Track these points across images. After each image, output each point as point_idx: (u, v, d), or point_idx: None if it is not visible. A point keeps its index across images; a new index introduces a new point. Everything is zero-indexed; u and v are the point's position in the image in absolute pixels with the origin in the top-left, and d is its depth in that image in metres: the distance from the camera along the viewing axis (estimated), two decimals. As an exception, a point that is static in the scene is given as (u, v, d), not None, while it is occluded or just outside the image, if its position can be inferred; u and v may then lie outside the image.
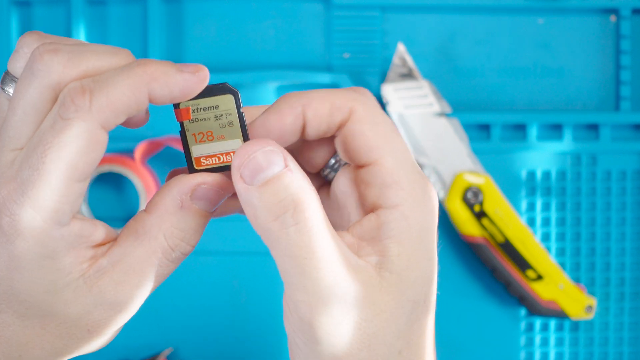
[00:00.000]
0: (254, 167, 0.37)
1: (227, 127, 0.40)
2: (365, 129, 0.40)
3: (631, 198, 0.81)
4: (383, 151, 0.39)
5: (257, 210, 0.37)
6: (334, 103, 0.40)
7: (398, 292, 0.39)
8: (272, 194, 0.37)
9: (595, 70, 0.81)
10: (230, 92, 0.39)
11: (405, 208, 0.39)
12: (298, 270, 0.37)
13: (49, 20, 0.79)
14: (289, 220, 0.37)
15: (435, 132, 0.78)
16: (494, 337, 0.81)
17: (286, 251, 0.37)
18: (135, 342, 0.80)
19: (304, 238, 0.37)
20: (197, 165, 0.40)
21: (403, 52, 0.80)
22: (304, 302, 0.37)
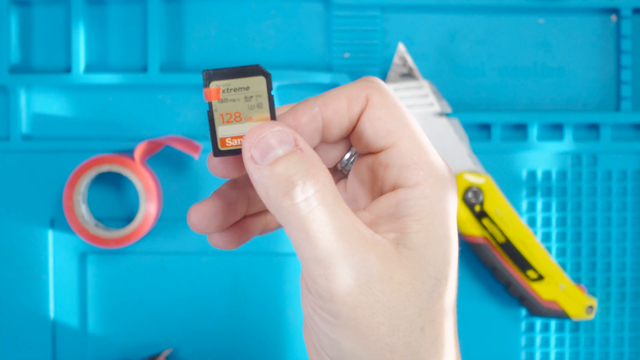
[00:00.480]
0: (264, 146, 0.38)
1: (256, 108, 0.39)
2: (382, 113, 0.40)
3: (632, 198, 0.81)
4: (401, 133, 0.40)
5: (268, 188, 0.38)
6: (349, 96, 0.40)
7: (418, 267, 0.38)
8: (282, 171, 0.37)
9: (596, 70, 0.81)
10: (262, 74, 0.39)
11: (425, 187, 0.39)
12: (311, 244, 0.37)
13: (48, 20, 0.79)
14: (299, 194, 0.37)
15: (435, 132, 0.78)
16: (495, 337, 0.81)
17: (298, 226, 0.37)
18: (135, 342, 0.79)
19: (315, 211, 0.37)
20: (222, 146, 0.40)
21: (403, 52, 0.79)
22: (321, 276, 0.37)
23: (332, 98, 0.40)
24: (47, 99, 0.79)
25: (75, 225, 0.76)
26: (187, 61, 0.80)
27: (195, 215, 0.42)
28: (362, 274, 0.37)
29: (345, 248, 0.37)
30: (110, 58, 0.80)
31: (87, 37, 0.79)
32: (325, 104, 0.40)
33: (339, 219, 0.37)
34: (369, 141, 0.40)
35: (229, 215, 0.43)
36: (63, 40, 0.79)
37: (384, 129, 0.40)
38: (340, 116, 0.40)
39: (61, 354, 0.79)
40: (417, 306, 0.38)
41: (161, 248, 0.79)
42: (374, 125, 0.40)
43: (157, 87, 0.79)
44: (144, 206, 0.76)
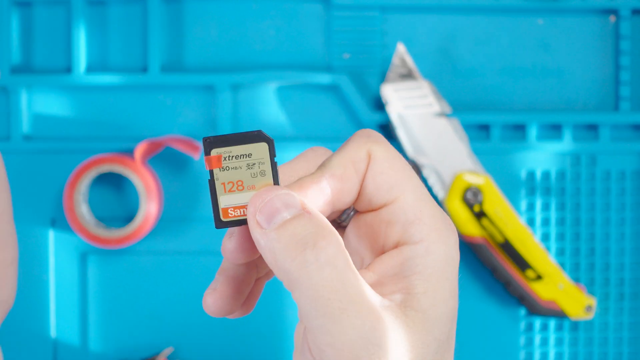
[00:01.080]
0: (270, 210, 0.36)
1: (259, 176, 0.38)
2: (384, 168, 0.39)
3: (630, 198, 0.81)
4: (404, 188, 0.39)
5: (276, 253, 0.36)
6: (353, 158, 0.39)
7: (424, 330, 0.37)
8: (290, 234, 0.36)
9: (595, 70, 0.81)
10: (264, 140, 0.37)
11: (429, 243, 0.38)
12: (321, 312, 0.35)
13: (49, 21, 0.79)
14: (310, 257, 0.36)
15: (435, 132, 0.78)
16: (494, 337, 0.81)
17: (308, 292, 0.36)
18: (135, 342, 0.80)
19: (326, 277, 0.35)
20: (224, 217, 0.38)
21: (403, 52, 0.80)
22: (330, 346, 0.36)
23: (339, 167, 0.39)
24: (47, 99, 0.79)
25: (76, 225, 0.76)
26: (188, 61, 0.80)
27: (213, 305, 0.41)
28: (373, 345, 0.36)
29: (358, 319, 0.35)
30: (111, 58, 0.80)
31: (88, 38, 0.79)
32: (332, 176, 0.39)
33: (351, 284, 0.36)
34: (371, 197, 0.39)
35: (244, 292, 0.42)
36: (64, 41, 0.79)
37: (386, 184, 0.39)
38: (350, 184, 0.39)
39: (62, 353, 0.79)
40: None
41: (161, 248, 0.79)
42: (376, 181, 0.39)
43: (158, 87, 0.79)
44: (144, 206, 0.76)
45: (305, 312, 0.36)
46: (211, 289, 0.41)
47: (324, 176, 0.39)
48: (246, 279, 0.41)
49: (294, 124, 0.80)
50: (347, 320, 0.35)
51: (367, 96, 0.80)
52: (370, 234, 0.40)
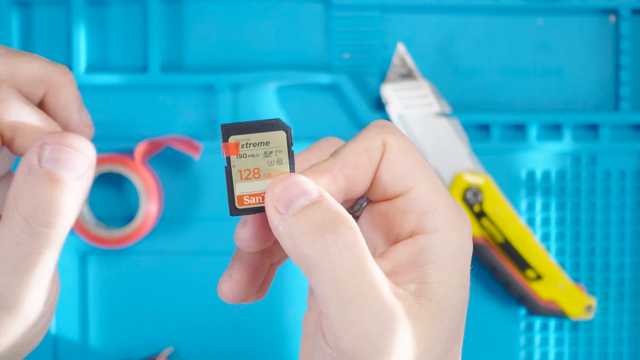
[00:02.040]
0: (288, 197, 0.37)
1: (276, 164, 0.38)
2: (399, 158, 0.39)
3: (630, 198, 0.81)
4: (418, 177, 0.39)
5: (295, 238, 0.36)
6: (367, 147, 0.39)
7: (437, 319, 0.38)
8: (309, 219, 0.36)
9: (595, 70, 0.81)
10: (283, 129, 0.38)
11: (444, 233, 0.38)
12: (340, 296, 0.36)
13: (49, 21, 0.79)
14: (330, 241, 0.36)
15: (435, 132, 0.78)
16: (494, 337, 0.81)
17: (327, 276, 0.36)
18: (135, 342, 0.80)
19: (346, 260, 0.36)
20: (239, 204, 0.38)
21: (403, 52, 0.80)
22: (347, 332, 0.36)
23: (352, 154, 0.39)
24: (47, 99, 0.79)
25: (76, 225, 0.76)
26: (188, 61, 0.80)
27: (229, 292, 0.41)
28: (388, 332, 0.36)
29: (375, 305, 0.36)
30: (111, 58, 0.80)
31: (88, 38, 0.79)
32: (346, 164, 0.39)
33: (369, 271, 0.36)
34: (386, 187, 0.39)
35: (259, 279, 0.42)
36: (64, 41, 0.79)
37: (401, 173, 0.39)
38: (363, 172, 0.39)
39: (62, 353, 0.79)
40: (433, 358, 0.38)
41: (161, 248, 0.79)
42: (391, 170, 0.39)
43: (158, 87, 0.79)
44: (144, 206, 0.76)
45: (323, 297, 0.36)
46: (227, 275, 0.41)
47: (336, 163, 0.39)
48: (261, 265, 0.41)
49: (294, 124, 0.80)
50: (365, 305, 0.36)
51: (367, 96, 0.80)
52: (384, 224, 0.40)
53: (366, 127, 0.40)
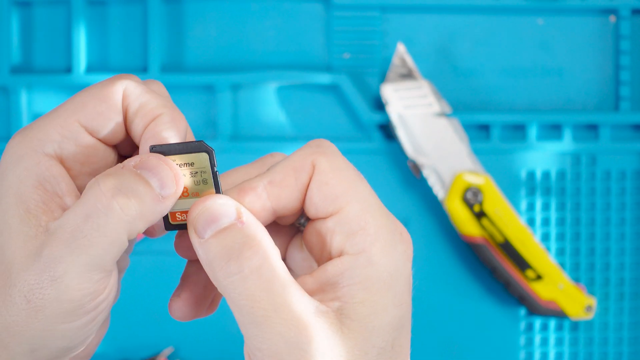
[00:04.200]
0: (205, 220, 0.38)
1: (202, 184, 0.39)
2: (328, 179, 0.39)
3: (630, 198, 0.81)
4: (348, 198, 0.39)
5: (208, 263, 0.38)
6: (295, 167, 0.39)
7: (361, 338, 0.38)
8: (220, 244, 0.37)
9: (595, 70, 0.81)
10: (205, 150, 0.39)
11: (372, 253, 0.38)
12: (247, 319, 0.37)
13: (49, 21, 0.79)
14: (233, 269, 0.37)
15: (435, 132, 0.78)
16: (494, 337, 0.81)
17: (235, 301, 0.37)
18: (135, 342, 0.80)
19: (249, 287, 0.37)
20: (172, 220, 0.40)
21: (403, 52, 0.80)
22: (258, 351, 0.37)
23: (278, 173, 0.40)
24: (48, 99, 0.79)
25: (76, 225, 0.76)
26: (188, 61, 0.80)
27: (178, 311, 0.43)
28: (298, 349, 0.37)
29: (284, 325, 0.36)
30: (111, 58, 0.80)
31: (88, 38, 0.79)
32: (271, 182, 0.39)
33: (276, 293, 0.37)
34: (317, 207, 0.39)
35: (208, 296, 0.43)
36: (64, 41, 0.79)
37: (331, 194, 0.39)
38: (289, 191, 0.40)
39: (62, 353, 0.79)
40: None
41: (161, 248, 0.80)
42: (321, 191, 0.39)
43: (158, 87, 0.79)
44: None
45: (237, 320, 0.38)
46: (175, 295, 0.43)
47: (262, 182, 0.39)
48: (209, 282, 0.42)
49: (294, 124, 0.80)
50: (270, 327, 0.37)
51: (367, 96, 0.80)
52: (318, 242, 0.40)
53: (302, 146, 0.41)
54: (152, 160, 0.38)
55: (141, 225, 0.38)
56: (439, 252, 0.81)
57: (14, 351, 0.37)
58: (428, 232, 0.80)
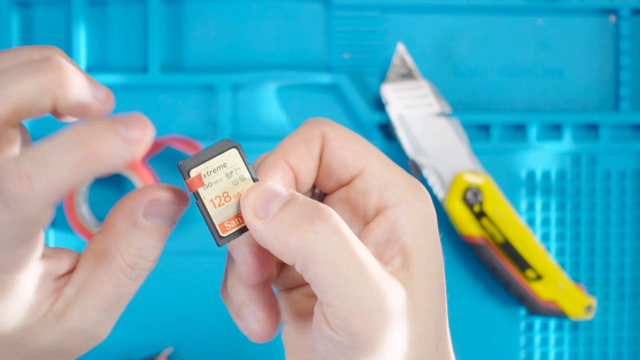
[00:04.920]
0: (263, 201, 0.37)
1: (240, 182, 0.38)
2: (342, 143, 0.40)
3: (631, 198, 0.81)
4: (367, 157, 0.40)
5: (285, 235, 0.36)
6: (304, 137, 0.40)
7: (428, 285, 0.38)
8: (291, 215, 0.37)
9: (595, 70, 0.81)
10: (232, 146, 0.38)
11: (408, 202, 0.39)
12: (341, 279, 0.36)
13: (49, 21, 0.79)
14: (319, 227, 0.36)
15: (435, 132, 0.78)
16: (494, 337, 0.81)
17: (325, 262, 0.36)
18: (135, 342, 0.80)
19: (339, 242, 0.36)
20: (222, 232, 0.38)
21: (403, 52, 0.80)
22: (356, 314, 0.36)
23: (290, 146, 0.40)
24: (47, 99, 0.79)
25: (76, 225, 0.76)
26: (188, 61, 0.80)
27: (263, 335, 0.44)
28: (394, 306, 0.36)
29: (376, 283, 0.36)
30: (111, 58, 0.80)
31: (88, 38, 0.79)
32: (286, 154, 0.40)
33: (362, 251, 0.36)
34: (339, 174, 0.40)
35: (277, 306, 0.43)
36: (64, 41, 0.79)
37: (349, 157, 0.40)
38: (305, 161, 0.40)
39: (62, 353, 0.79)
40: (432, 325, 0.38)
41: (161, 248, 0.79)
42: (339, 156, 0.40)
43: (158, 87, 0.79)
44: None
45: (324, 285, 0.36)
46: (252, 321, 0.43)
47: (279, 156, 0.40)
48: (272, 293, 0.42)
49: (294, 124, 0.80)
50: (367, 284, 0.36)
51: (367, 96, 0.80)
52: (348, 209, 0.40)
53: (302, 124, 0.41)
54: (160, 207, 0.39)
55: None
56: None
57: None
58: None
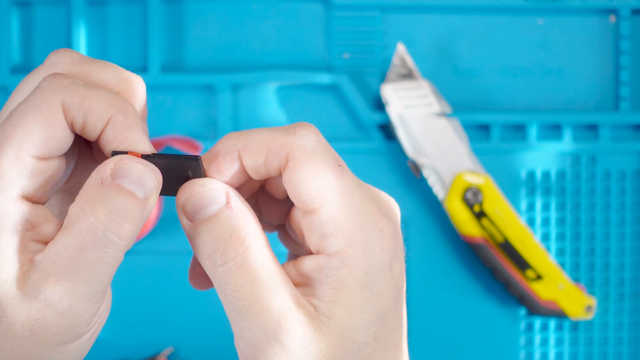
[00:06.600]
0: (195, 204, 0.38)
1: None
2: (302, 177, 0.38)
3: (631, 198, 0.81)
4: (323, 198, 0.38)
5: (196, 248, 0.38)
6: (270, 147, 0.38)
7: (340, 336, 0.38)
8: (208, 233, 0.37)
9: (595, 70, 0.81)
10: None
11: (347, 255, 0.38)
12: (230, 307, 0.38)
13: (49, 21, 0.79)
14: (218, 259, 0.37)
15: (435, 132, 0.78)
16: (494, 337, 0.81)
17: (218, 289, 0.38)
18: (135, 342, 0.80)
19: (233, 277, 0.37)
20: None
21: (403, 52, 0.80)
22: (240, 338, 0.38)
23: (253, 144, 0.39)
24: (47, 99, 0.79)
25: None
26: (188, 61, 0.80)
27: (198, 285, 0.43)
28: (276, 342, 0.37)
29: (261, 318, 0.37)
30: (111, 58, 0.80)
31: (88, 38, 0.79)
32: (244, 149, 0.39)
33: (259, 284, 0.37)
34: (293, 201, 0.39)
35: None
36: (64, 41, 0.79)
37: (305, 194, 0.38)
38: (256, 166, 0.39)
39: (62, 353, 0.79)
40: None
41: (161, 248, 0.80)
42: (294, 189, 0.38)
43: (158, 87, 0.79)
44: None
45: (222, 304, 0.38)
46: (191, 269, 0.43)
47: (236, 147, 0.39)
48: None
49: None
50: (251, 317, 0.37)
51: (367, 96, 0.80)
52: (299, 230, 0.40)
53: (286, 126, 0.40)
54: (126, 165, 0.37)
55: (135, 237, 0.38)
56: (439, 252, 0.81)
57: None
58: (428, 232, 0.80)
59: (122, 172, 0.37)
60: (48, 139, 0.37)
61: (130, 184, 0.37)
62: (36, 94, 0.37)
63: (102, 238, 0.36)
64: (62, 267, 0.36)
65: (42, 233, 0.37)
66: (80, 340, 0.38)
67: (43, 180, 0.38)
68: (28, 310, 0.36)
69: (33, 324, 0.36)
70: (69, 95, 0.37)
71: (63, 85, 0.37)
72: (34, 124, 0.37)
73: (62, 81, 0.38)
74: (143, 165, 0.37)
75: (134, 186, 0.37)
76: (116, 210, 0.36)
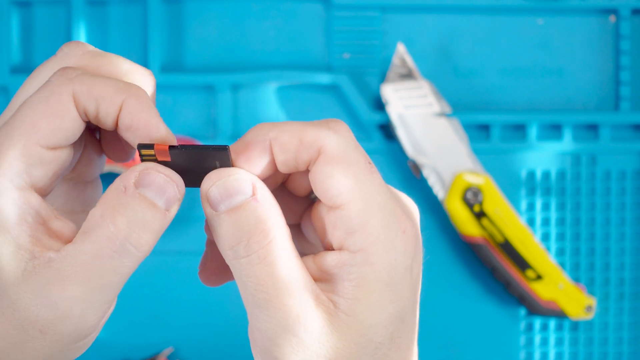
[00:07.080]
0: (220, 193, 0.38)
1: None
2: (333, 172, 0.38)
3: (631, 198, 0.81)
4: (352, 195, 0.38)
5: (219, 237, 0.38)
6: (302, 139, 0.38)
7: (358, 334, 0.38)
8: (232, 223, 0.37)
9: (595, 70, 0.81)
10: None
11: (371, 253, 0.38)
12: (249, 300, 0.38)
13: (49, 21, 0.79)
14: (241, 251, 0.37)
15: (435, 132, 0.78)
16: (494, 337, 0.81)
17: (239, 281, 0.38)
18: (135, 342, 0.80)
19: (255, 270, 0.37)
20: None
21: (403, 52, 0.80)
22: (258, 331, 0.38)
23: (285, 134, 0.38)
24: (47, 99, 0.79)
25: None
26: (188, 61, 0.80)
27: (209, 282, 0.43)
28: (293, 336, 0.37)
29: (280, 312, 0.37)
30: (111, 58, 0.80)
31: (88, 38, 0.79)
32: (276, 138, 0.38)
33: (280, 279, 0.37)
34: (320, 195, 0.38)
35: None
36: (64, 41, 0.79)
37: (334, 189, 0.38)
38: (286, 157, 0.38)
39: (62, 353, 0.79)
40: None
41: (161, 248, 0.79)
42: (323, 183, 0.38)
43: (158, 87, 0.79)
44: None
45: (241, 295, 0.38)
46: (202, 265, 0.43)
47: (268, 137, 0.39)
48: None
49: (294, 124, 0.80)
50: (270, 311, 0.37)
51: (367, 96, 0.80)
52: (322, 226, 0.40)
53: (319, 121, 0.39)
54: (151, 175, 0.38)
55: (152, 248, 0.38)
56: (439, 252, 0.81)
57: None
58: (428, 232, 0.80)
59: (146, 182, 0.37)
60: (56, 129, 0.37)
61: (152, 194, 0.37)
62: (45, 86, 0.38)
63: (120, 248, 0.36)
64: (76, 271, 0.36)
65: (53, 229, 0.37)
66: (85, 340, 0.39)
67: (51, 170, 0.38)
68: (38, 310, 0.36)
69: (42, 324, 0.37)
70: (78, 85, 0.37)
71: (72, 77, 0.38)
72: (43, 114, 0.37)
73: (71, 73, 0.38)
74: (166, 176, 0.38)
75: (156, 197, 0.37)
76: (137, 221, 0.37)
